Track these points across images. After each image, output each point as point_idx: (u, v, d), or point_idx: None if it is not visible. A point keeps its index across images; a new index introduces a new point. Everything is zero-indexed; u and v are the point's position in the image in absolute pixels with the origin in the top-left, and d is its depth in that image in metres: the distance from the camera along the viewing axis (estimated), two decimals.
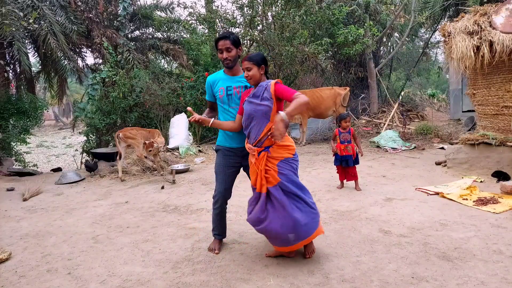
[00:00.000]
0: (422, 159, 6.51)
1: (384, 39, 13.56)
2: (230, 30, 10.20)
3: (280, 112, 2.37)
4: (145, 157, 6.39)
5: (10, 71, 10.79)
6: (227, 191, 2.86)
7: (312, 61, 10.66)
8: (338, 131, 4.69)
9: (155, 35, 13.26)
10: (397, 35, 14.16)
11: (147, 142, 6.11)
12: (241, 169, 2.90)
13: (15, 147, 9.00)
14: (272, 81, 2.55)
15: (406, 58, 14.98)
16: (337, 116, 5.36)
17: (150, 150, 6.12)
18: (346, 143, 4.61)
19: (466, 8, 6.70)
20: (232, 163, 2.83)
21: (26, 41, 10.28)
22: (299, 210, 2.50)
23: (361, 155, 4.83)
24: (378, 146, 7.94)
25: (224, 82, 2.82)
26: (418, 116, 12.13)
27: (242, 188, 5.01)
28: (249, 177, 2.75)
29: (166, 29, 12.88)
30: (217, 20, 9.98)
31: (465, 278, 2.34)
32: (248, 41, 10.36)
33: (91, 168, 6.77)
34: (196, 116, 2.62)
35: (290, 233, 2.48)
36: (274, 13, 9.96)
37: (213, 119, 2.69)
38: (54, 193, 5.45)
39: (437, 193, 4.26)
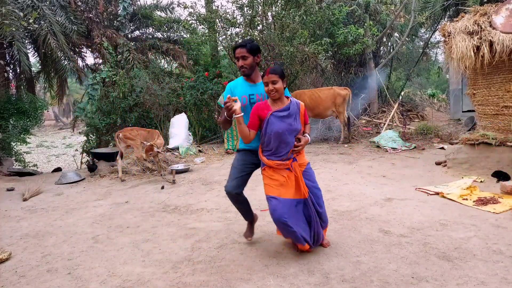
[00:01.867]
0: (422, 159, 6.51)
1: (384, 39, 13.55)
2: (230, 30, 10.20)
3: (307, 135, 2.74)
4: (144, 160, 6.39)
5: (10, 71, 10.79)
6: (240, 187, 2.80)
7: (312, 61, 10.64)
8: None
9: (155, 35, 13.27)
10: (397, 35, 14.16)
11: (146, 145, 6.10)
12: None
13: (15, 147, 9.00)
14: (301, 103, 2.73)
15: (406, 58, 14.97)
16: None
17: (150, 153, 6.13)
18: None
19: (466, 8, 6.70)
20: (252, 161, 2.82)
21: (26, 41, 10.28)
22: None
23: None
24: (378, 146, 7.94)
25: (246, 90, 2.78)
26: (418, 116, 12.13)
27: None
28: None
29: (166, 29, 12.89)
30: (217, 20, 9.98)
31: (465, 278, 2.34)
32: None
33: (92, 169, 6.79)
34: (237, 105, 2.50)
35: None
36: (274, 13, 9.95)
37: (241, 114, 2.56)
38: (54, 193, 5.45)
39: (437, 193, 4.26)
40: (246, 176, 2.84)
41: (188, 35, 11.88)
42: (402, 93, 13.39)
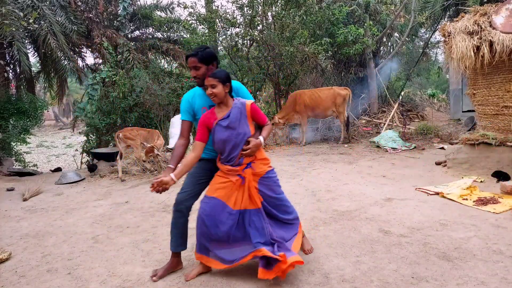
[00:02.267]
0: (422, 159, 6.51)
1: (384, 39, 13.56)
2: (230, 30, 10.20)
3: (260, 137, 2.51)
4: (143, 161, 6.39)
5: (10, 71, 10.79)
6: (193, 197, 2.57)
7: (312, 61, 10.65)
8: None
9: (155, 35, 13.26)
10: (397, 35, 14.16)
11: (147, 147, 6.10)
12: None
13: (15, 147, 9.00)
14: (247, 101, 2.52)
15: (406, 58, 14.97)
16: None
17: (150, 155, 6.13)
18: None
19: (466, 8, 6.70)
20: (211, 169, 2.60)
21: (26, 41, 10.28)
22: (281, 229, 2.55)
23: None
24: (378, 146, 7.94)
25: (206, 101, 2.57)
26: (418, 116, 12.13)
27: None
28: None
29: (166, 29, 12.89)
30: (217, 20, 9.98)
31: (465, 278, 2.34)
32: (248, 41, 10.37)
33: (92, 169, 6.79)
34: (157, 182, 2.32)
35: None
36: (274, 13, 9.96)
37: (172, 174, 2.36)
38: (54, 193, 5.45)
39: (437, 193, 4.26)
40: (203, 184, 2.60)
41: (188, 35, 11.88)
42: (402, 93, 13.39)
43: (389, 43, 14.74)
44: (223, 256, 2.45)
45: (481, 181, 4.74)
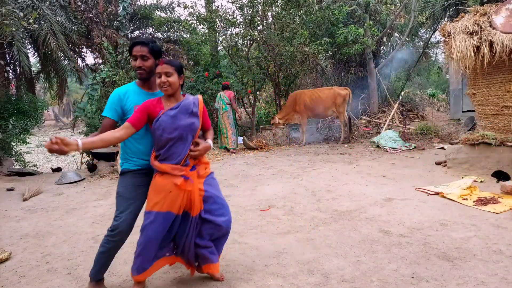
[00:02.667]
0: (422, 159, 6.51)
1: (384, 39, 13.56)
2: (230, 30, 10.20)
3: (209, 140, 2.40)
4: None
5: (10, 71, 10.79)
6: (134, 220, 2.32)
7: (312, 61, 10.66)
8: None
9: (155, 35, 13.26)
10: (397, 35, 14.16)
11: None
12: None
13: (15, 147, 9.00)
14: (200, 98, 2.38)
15: (406, 58, 14.98)
16: None
17: None
18: None
19: (466, 8, 6.70)
20: (142, 184, 2.32)
21: (26, 41, 10.27)
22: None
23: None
24: (378, 146, 7.94)
25: (141, 98, 2.29)
26: (418, 116, 12.13)
27: (242, 188, 5.02)
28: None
29: (166, 29, 12.89)
30: (217, 20, 9.99)
31: (465, 278, 2.34)
32: (248, 41, 10.37)
33: (92, 169, 6.79)
34: (58, 139, 1.81)
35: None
36: (274, 13, 9.96)
37: (80, 140, 1.92)
38: (54, 193, 5.45)
39: (437, 193, 4.26)
40: (140, 206, 2.35)
41: (188, 35, 11.89)
42: (402, 93, 13.39)
43: (389, 43, 14.74)
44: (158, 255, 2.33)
45: (481, 181, 4.74)
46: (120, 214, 2.26)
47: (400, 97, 12.78)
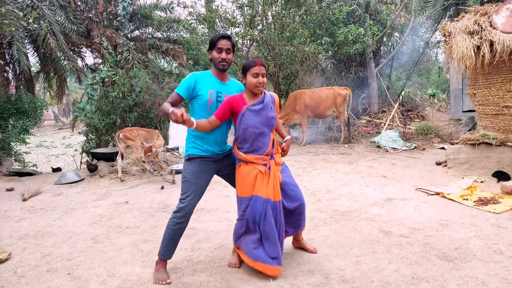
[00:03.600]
0: (423, 159, 6.50)
1: (385, 39, 13.54)
2: (230, 29, 10.20)
3: (288, 136, 2.73)
4: (143, 161, 6.38)
5: (10, 71, 10.79)
6: (196, 204, 2.51)
7: (312, 60, 10.65)
8: None
9: (154, 35, 13.25)
10: (398, 34, 14.14)
11: (145, 146, 6.09)
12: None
13: (14, 147, 8.99)
14: (275, 95, 2.62)
15: (406, 58, 14.97)
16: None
17: (149, 155, 6.12)
18: None
19: (467, 8, 6.69)
20: (208, 169, 2.53)
21: (26, 41, 10.27)
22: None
23: None
24: (378, 146, 7.93)
25: (215, 86, 2.50)
26: (418, 116, 12.11)
27: None
28: (233, 186, 2.67)
29: (166, 28, 12.88)
30: (217, 20, 9.98)
31: (466, 279, 2.33)
32: (248, 41, 10.36)
33: (91, 169, 6.78)
34: (183, 113, 2.14)
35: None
36: (274, 12, 9.96)
37: (194, 120, 2.29)
38: (53, 193, 5.45)
39: (437, 193, 4.25)
40: (203, 191, 2.54)
41: (188, 35, 11.87)
42: (403, 93, 13.38)
43: (390, 43, 14.72)
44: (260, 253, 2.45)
45: (481, 181, 4.73)
46: (186, 198, 2.45)
47: (401, 97, 12.77)
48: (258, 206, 2.44)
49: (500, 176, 4.70)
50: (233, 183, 2.69)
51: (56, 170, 8.39)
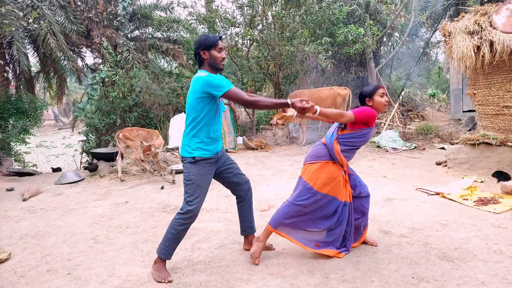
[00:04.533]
0: (423, 159, 6.50)
1: (385, 39, 13.55)
2: (230, 29, 10.19)
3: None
4: (142, 161, 6.38)
5: (10, 71, 10.78)
6: (202, 204, 2.56)
7: (312, 61, 10.65)
8: None
9: (154, 35, 13.25)
10: (398, 34, 14.14)
11: (144, 145, 6.09)
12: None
13: (14, 147, 8.99)
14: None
15: (406, 58, 14.97)
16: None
17: (148, 154, 6.12)
18: None
19: (467, 8, 6.69)
20: (212, 172, 2.60)
21: (26, 41, 10.27)
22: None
23: None
24: (378, 146, 7.93)
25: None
26: (418, 116, 12.11)
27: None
28: (225, 184, 2.77)
29: (166, 28, 12.87)
30: (217, 20, 9.97)
31: (466, 279, 2.33)
32: (248, 41, 10.36)
33: (91, 169, 6.78)
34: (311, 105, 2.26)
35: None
36: (274, 12, 9.95)
37: (318, 107, 2.37)
38: (53, 193, 5.44)
39: (437, 193, 4.25)
40: (206, 192, 2.59)
41: (188, 35, 11.87)
42: (403, 93, 13.38)
43: (390, 43, 14.72)
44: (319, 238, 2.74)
45: (481, 181, 4.73)
46: (194, 200, 2.48)
47: (401, 97, 12.76)
48: (332, 207, 2.66)
49: (500, 176, 4.70)
50: (226, 181, 2.73)
51: (56, 170, 8.40)
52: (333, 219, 2.67)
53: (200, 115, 2.46)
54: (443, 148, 7.25)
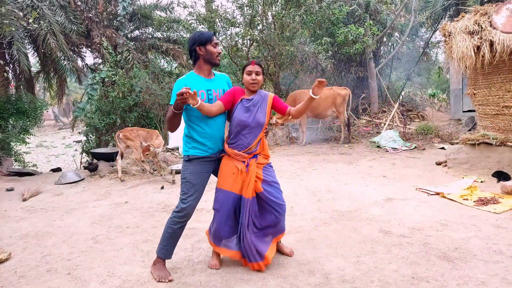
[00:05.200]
0: (423, 159, 6.50)
1: (385, 39, 13.54)
2: (230, 29, 10.19)
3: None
4: (142, 161, 6.38)
5: (10, 71, 10.78)
6: (197, 204, 2.56)
7: (312, 60, 10.65)
8: None
9: (154, 35, 13.25)
10: (398, 34, 14.14)
11: (143, 145, 6.09)
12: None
13: (14, 147, 9.00)
14: (270, 94, 2.67)
15: (406, 58, 14.97)
16: None
17: (147, 154, 6.12)
18: None
19: (467, 8, 6.69)
20: (208, 170, 2.60)
21: (26, 41, 10.27)
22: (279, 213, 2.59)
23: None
24: (378, 146, 7.93)
25: (204, 85, 2.53)
26: (418, 116, 12.11)
27: None
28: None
29: (166, 28, 12.87)
30: (217, 20, 9.97)
31: (466, 279, 2.33)
32: (248, 41, 10.36)
33: (91, 169, 6.78)
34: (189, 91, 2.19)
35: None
36: (274, 12, 9.94)
37: (199, 102, 2.29)
38: (53, 193, 5.44)
39: (437, 193, 4.25)
40: (203, 191, 2.59)
41: (188, 35, 11.87)
42: (403, 93, 13.38)
43: (390, 43, 14.72)
44: (228, 244, 2.61)
45: (481, 181, 4.73)
46: (187, 198, 2.49)
47: (401, 97, 12.77)
48: (228, 200, 2.54)
49: (500, 176, 4.70)
50: None
51: (56, 170, 8.40)
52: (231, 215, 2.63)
53: (188, 116, 2.54)
54: (443, 148, 7.25)
